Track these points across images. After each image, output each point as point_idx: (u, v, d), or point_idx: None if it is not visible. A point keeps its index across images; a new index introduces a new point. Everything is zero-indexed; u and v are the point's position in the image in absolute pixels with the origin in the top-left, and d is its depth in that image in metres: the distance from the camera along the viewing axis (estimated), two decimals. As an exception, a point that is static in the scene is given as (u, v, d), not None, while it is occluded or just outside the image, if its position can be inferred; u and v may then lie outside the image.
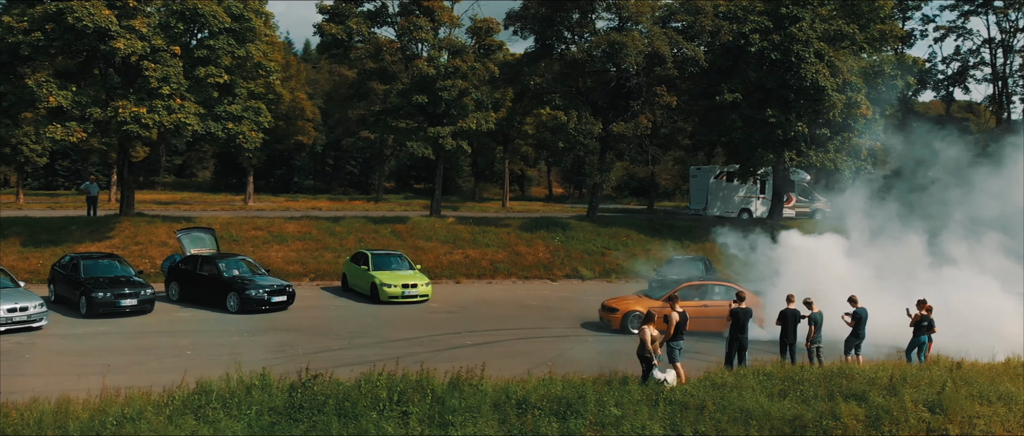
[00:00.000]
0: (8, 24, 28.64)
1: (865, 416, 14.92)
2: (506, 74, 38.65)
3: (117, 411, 12.73)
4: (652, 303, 22.66)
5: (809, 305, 18.80)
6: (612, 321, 23.39)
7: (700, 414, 14.62)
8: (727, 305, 21.91)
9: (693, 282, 24.11)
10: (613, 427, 13.97)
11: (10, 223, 32.00)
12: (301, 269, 31.42)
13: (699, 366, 18.17)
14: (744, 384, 16.00)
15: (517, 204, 58.67)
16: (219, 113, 32.20)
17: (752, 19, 36.66)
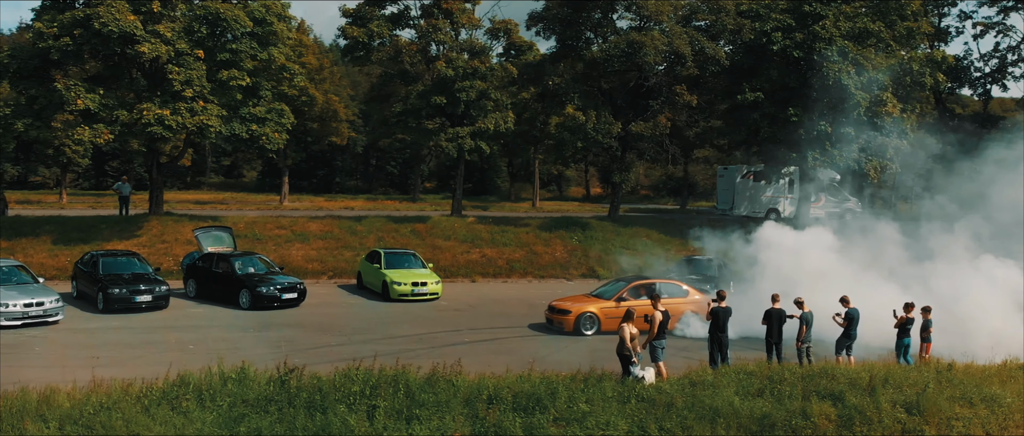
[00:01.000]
0: (39, 30, 29.85)
1: (837, 416, 14.86)
2: (527, 75, 38.91)
3: (96, 401, 13.31)
4: (604, 303, 22.82)
5: (800, 305, 18.72)
6: (564, 323, 22.82)
7: (668, 411, 14.72)
8: (676, 303, 22.31)
9: (641, 281, 23.87)
10: (578, 423, 14.14)
11: (44, 222, 33.27)
12: (320, 267, 32.09)
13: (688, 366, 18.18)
14: (722, 383, 16.02)
15: (550, 204, 58.82)
16: (244, 115, 33.04)
17: (774, 17, 36.34)
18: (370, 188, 77.73)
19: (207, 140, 34.51)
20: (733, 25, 37.85)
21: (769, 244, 24.54)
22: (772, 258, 23.66)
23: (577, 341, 22.44)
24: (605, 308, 22.72)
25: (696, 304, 23.35)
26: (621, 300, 22.64)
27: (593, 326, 22.66)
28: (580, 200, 71.31)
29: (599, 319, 22.69)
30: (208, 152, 73.19)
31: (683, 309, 23.09)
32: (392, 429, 13.40)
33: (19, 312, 21.10)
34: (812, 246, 23.97)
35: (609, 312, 22.48)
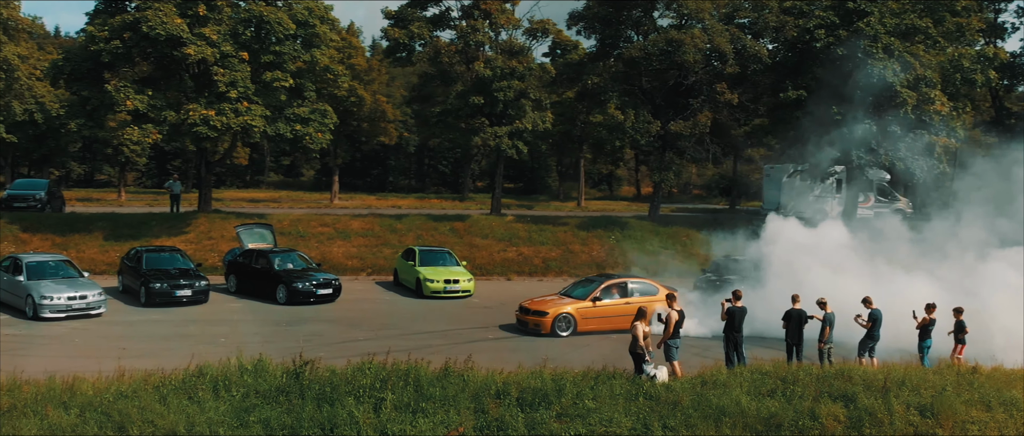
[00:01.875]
0: (91, 33, 31.10)
1: (846, 418, 14.71)
2: (567, 74, 39.05)
3: (116, 390, 13.94)
4: (580, 304, 22.65)
5: (822, 305, 18.54)
6: (541, 325, 22.33)
7: (673, 410, 14.76)
8: (648, 301, 22.09)
9: (614, 280, 23.72)
10: (581, 419, 14.28)
11: (97, 218, 34.60)
12: (359, 264, 32.73)
13: (702, 365, 18.18)
14: (734, 382, 15.99)
15: (597, 204, 58.87)
16: (288, 115, 33.88)
17: (818, 14, 35.83)
18: (423, 187, 78.72)
19: (252, 140, 35.46)
20: (775, 22, 37.40)
21: (775, 239, 24.14)
22: (778, 254, 23.32)
23: (603, 340, 22.45)
24: (581, 308, 22.60)
25: (665, 303, 23.19)
26: (596, 300, 22.69)
27: (569, 327, 22.45)
28: (630, 199, 71.08)
29: (575, 320, 22.52)
30: (267, 152, 74.94)
31: (652, 307, 22.55)
32: (397, 421, 13.71)
33: (63, 305, 22.06)
34: (823, 241, 23.51)
35: (585, 312, 22.50)
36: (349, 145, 65.37)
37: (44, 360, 17.36)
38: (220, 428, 12.99)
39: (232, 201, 49.41)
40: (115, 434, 12.56)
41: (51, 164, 61.05)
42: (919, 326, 18.41)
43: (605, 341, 21.81)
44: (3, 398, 13.17)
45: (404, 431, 13.45)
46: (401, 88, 68.76)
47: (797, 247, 23.50)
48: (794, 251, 23.26)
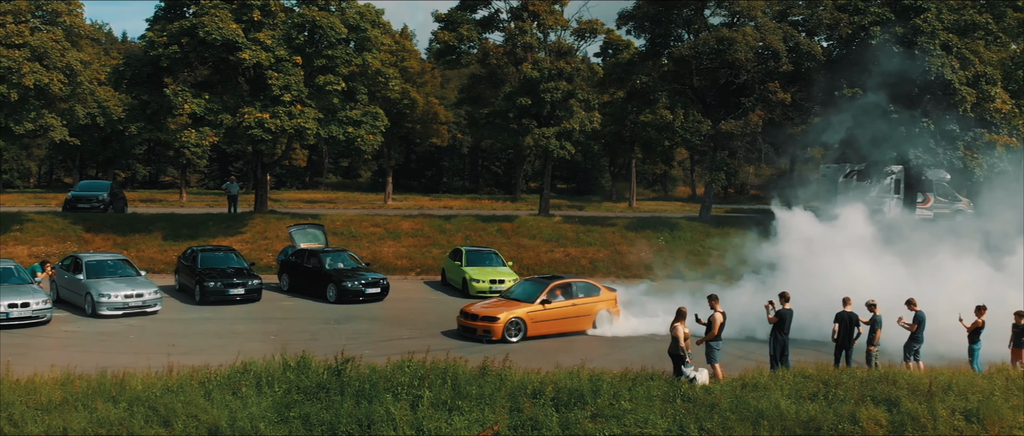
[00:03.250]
0: (151, 39, 32.13)
1: (888, 422, 14.44)
2: (615, 74, 38.96)
3: (163, 385, 14.44)
4: (529, 307, 21.91)
5: (872, 307, 18.25)
6: (491, 331, 21.39)
7: (710, 412, 14.68)
8: (590, 302, 22.46)
9: (560, 282, 23.20)
10: (616, 420, 14.30)
11: (157, 219, 35.71)
12: (409, 264, 33.18)
13: (744, 368, 18.03)
14: (775, 385, 15.84)
15: (650, 204, 58.48)
16: (341, 118, 34.51)
17: (873, 11, 35.11)
18: (476, 188, 79.15)
19: (306, 142, 36.19)
20: (830, 19, 36.77)
21: (788, 234, 23.67)
22: (793, 251, 22.91)
23: (645, 341, 22.39)
24: (532, 312, 21.93)
25: (608, 302, 23.14)
26: (545, 303, 22.12)
27: (520, 332, 21.69)
28: (684, 200, 70.46)
29: (526, 324, 21.76)
30: (325, 154, 76.26)
31: (597, 308, 22.80)
32: (433, 419, 13.90)
33: (120, 302, 22.88)
34: (843, 237, 22.95)
35: (535, 316, 21.89)
36: (403, 147, 66.14)
37: (99, 356, 18.07)
38: (261, 423, 13.33)
39: (290, 202, 50.46)
40: (160, 428, 12.99)
41: (116, 166, 63.25)
42: (970, 329, 17.97)
43: (647, 342, 21.75)
44: (56, 392, 13.75)
45: (439, 428, 13.64)
46: (454, 90, 69.38)
47: (812, 243, 22.96)
48: (808, 247, 22.74)
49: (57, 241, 31.92)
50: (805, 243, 23.36)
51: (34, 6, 29.81)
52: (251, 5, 32.23)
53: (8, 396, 13.62)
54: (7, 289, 21.61)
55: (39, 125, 29.96)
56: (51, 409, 13.29)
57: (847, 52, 36.53)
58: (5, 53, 27.92)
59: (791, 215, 25.34)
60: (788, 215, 25.39)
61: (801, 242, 23.49)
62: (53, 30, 29.98)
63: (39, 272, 23.73)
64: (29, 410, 13.15)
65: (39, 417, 12.98)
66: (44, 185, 69.32)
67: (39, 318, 21.51)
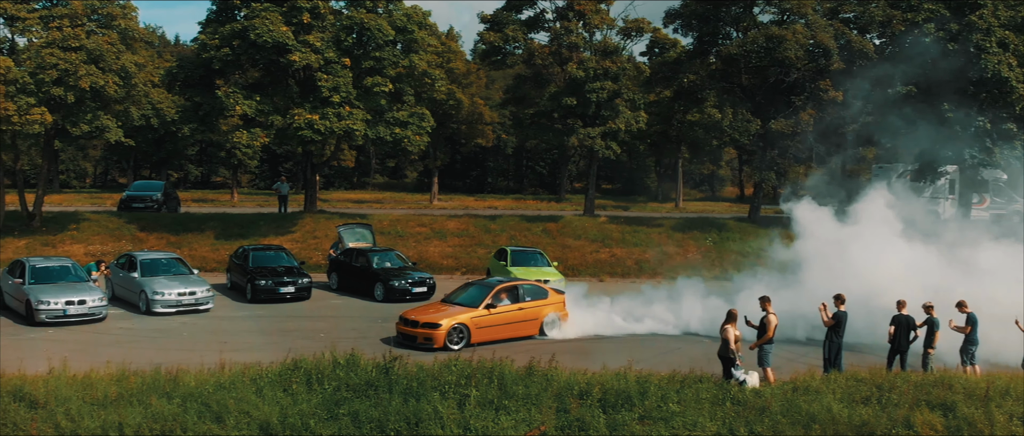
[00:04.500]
0: (203, 41, 32.74)
1: (944, 427, 14.12)
2: (662, 73, 38.68)
3: (216, 381, 14.69)
4: (473, 312, 20.79)
5: (929, 310, 17.87)
6: (433, 338, 20.14)
7: (760, 415, 14.49)
8: (537, 306, 21.73)
9: (506, 285, 22.15)
10: (664, 422, 14.19)
11: (209, 218, 36.35)
12: (454, 264, 33.30)
13: (795, 371, 17.78)
14: (827, 389, 15.58)
15: (697, 205, 57.96)
16: (388, 119, 34.80)
17: (927, 7, 34.31)
18: (520, 188, 79.25)
19: (355, 143, 36.56)
20: (882, 16, 36.06)
21: (806, 229, 23.05)
22: (812, 247, 22.35)
23: (686, 341, 22.14)
24: (476, 317, 20.79)
25: (556, 306, 22.18)
26: (490, 307, 21.04)
27: (463, 339, 20.49)
28: (732, 201, 69.68)
29: (470, 330, 20.62)
30: (372, 154, 77.01)
31: (545, 312, 21.87)
32: (480, 418, 13.94)
33: (173, 300, 23.33)
34: (865, 232, 22.32)
35: (480, 321, 20.80)
36: (448, 147, 66.48)
37: (153, 352, 18.47)
38: (311, 420, 13.50)
39: (338, 202, 51.01)
40: (213, 424, 13.21)
41: (170, 166, 64.54)
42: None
43: (695, 345, 21.52)
44: (111, 387, 14.06)
45: (486, 428, 13.67)
46: (499, 91, 69.52)
47: (833, 240, 22.29)
48: (830, 244, 22.11)
49: (112, 240, 32.67)
50: (827, 240, 22.73)
51: (90, 10, 30.50)
52: (301, 8, 32.65)
53: (65, 391, 13.98)
54: (64, 287, 22.17)
55: (95, 126, 30.63)
56: (107, 404, 13.61)
57: (900, 49, 35.76)
58: (62, 56, 28.61)
59: (808, 211, 24.47)
60: (805, 211, 24.44)
61: (822, 238, 22.86)
62: (108, 33, 30.61)
63: (94, 271, 24.34)
64: (86, 405, 13.48)
65: (95, 412, 13.29)
66: (99, 185, 71.06)
67: (95, 315, 22.00)
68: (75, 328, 21.37)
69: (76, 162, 69.17)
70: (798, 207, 24.81)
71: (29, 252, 29.35)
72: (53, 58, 28.42)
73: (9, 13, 29.56)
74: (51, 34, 29.20)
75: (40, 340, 20.02)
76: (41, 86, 28.49)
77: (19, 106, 28.22)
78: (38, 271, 22.70)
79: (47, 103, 29.00)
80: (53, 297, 21.51)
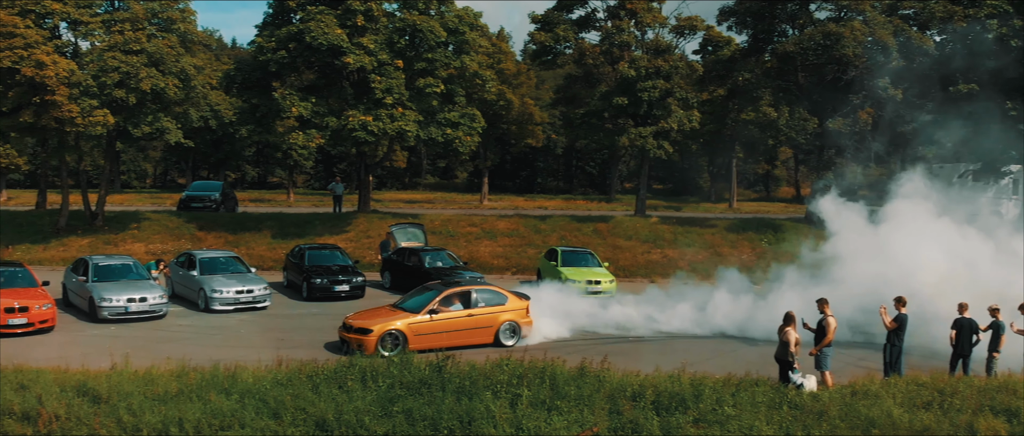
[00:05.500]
0: (260, 44, 33.34)
1: (1008, 433, 13.70)
2: (716, 71, 38.24)
3: (273, 378, 14.94)
4: (412, 318, 19.85)
5: (994, 313, 17.39)
6: (364, 344, 19.15)
7: (818, 419, 14.22)
8: (493, 312, 20.66)
9: (458, 289, 21.08)
10: (719, 426, 14.01)
11: (266, 218, 36.99)
12: (504, 263, 33.37)
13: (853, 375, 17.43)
14: (886, 393, 15.24)
15: (751, 205, 57.12)
16: (439, 120, 35.04)
17: (989, 3, 33.39)
18: (570, 188, 79.09)
19: (407, 144, 36.89)
20: (943, 12, 35.17)
21: (840, 228, 22.49)
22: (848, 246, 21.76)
23: (739, 344, 21.86)
24: (414, 323, 19.75)
25: (516, 312, 20.98)
26: (433, 313, 20.01)
27: (398, 345, 19.30)
28: (788, 201, 68.56)
29: (406, 337, 19.51)
30: (423, 155, 77.58)
31: (502, 318, 20.73)
32: (532, 417, 13.92)
33: (231, 298, 23.78)
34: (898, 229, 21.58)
35: (419, 328, 19.71)
36: (498, 148, 66.69)
37: (212, 349, 18.83)
38: (366, 417, 13.62)
39: (391, 202, 51.53)
40: (270, 420, 13.42)
41: (227, 167, 65.86)
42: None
43: (750, 348, 21.22)
44: (172, 383, 14.38)
45: (539, 428, 13.64)
46: (549, 91, 69.48)
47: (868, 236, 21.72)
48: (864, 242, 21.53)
49: (172, 239, 33.45)
50: (860, 237, 22.16)
51: (150, 14, 31.28)
52: (355, 10, 33.04)
53: (127, 387, 14.33)
54: (126, 285, 22.73)
55: (155, 128, 31.41)
56: (167, 400, 13.90)
57: (962, 46, 34.84)
58: (124, 59, 29.37)
59: (837, 207, 23.82)
60: (833, 207, 23.91)
61: (853, 235, 22.26)
62: (168, 37, 31.36)
63: (154, 269, 24.93)
64: (147, 401, 13.79)
65: (156, 407, 13.59)
66: (159, 185, 72.78)
67: (156, 312, 22.51)
68: (136, 325, 21.90)
69: (137, 163, 70.93)
70: (823, 202, 24.26)
71: (92, 250, 30.20)
72: (115, 61, 29.22)
73: (73, 17, 30.44)
74: (113, 38, 30.03)
75: (103, 336, 20.56)
76: (103, 89, 29.30)
77: (83, 108, 29.05)
78: (101, 269, 23.30)
79: (109, 105, 29.81)
80: (115, 294, 22.07)
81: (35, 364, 16.19)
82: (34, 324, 20.32)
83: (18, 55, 28.04)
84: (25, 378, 14.66)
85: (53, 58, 28.66)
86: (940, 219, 22.54)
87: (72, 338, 20.40)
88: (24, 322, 20.15)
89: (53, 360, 16.95)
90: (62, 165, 33.67)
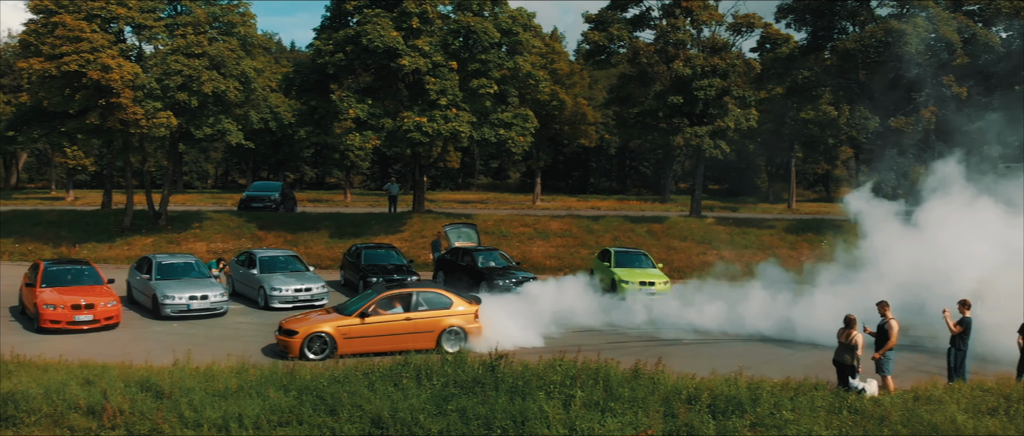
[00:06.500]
0: (318, 47, 33.88)
1: (1080, 442, 13.23)
2: (774, 69, 37.67)
3: (330, 375, 15.16)
4: (343, 320, 19.15)
5: (1063, 317, 16.80)
6: (288, 346, 18.52)
7: (879, 425, 13.91)
8: (436, 316, 19.82)
9: (398, 292, 20.28)
10: (777, 430, 13.79)
11: (324, 218, 37.56)
12: (557, 264, 33.32)
13: (916, 380, 17.00)
14: (950, 399, 14.84)
15: (811, 206, 56.12)
16: (492, 121, 35.18)
17: (1061, -4, 32.31)
18: (623, 189, 78.66)
19: (461, 145, 37.12)
20: (1009, 8, 34.15)
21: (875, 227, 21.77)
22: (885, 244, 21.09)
23: (803, 349, 21.45)
24: (343, 326, 19.00)
25: (462, 317, 20.04)
26: (365, 315, 19.25)
27: (324, 349, 18.65)
28: (846, 201, 67.02)
29: (334, 340, 18.78)
30: (476, 155, 77.95)
31: (445, 323, 19.79)
32: (585, 419, 13.87)
33: (289, 296, 24.18)
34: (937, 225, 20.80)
35: (349, 331, 18.97)
36: (551, 148, 66.65)
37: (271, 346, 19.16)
38: (420, 415, 13.73)
39: (444, 202, 51.90)
40: (327, 417, 13.61)
41: (287, 168, 67.01)
42: None
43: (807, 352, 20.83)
44: (232, 379, 14.68)
45: (592, 429, 13.58)
46: (602, 90, 69.17)
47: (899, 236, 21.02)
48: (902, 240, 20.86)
49: (233, 238, 34.16)
50: (897, 235, 21.51)
51: (211, 18, 31.99)
52: (410, 13, 33.35)
53: (189, 382, 14.67)
54: (188, 283, 23.26)
55: (217, 129, 32.14)
56: (227, 395, 14.19)
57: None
58: (186, 62, 30.09)
59: (871, 204, 23.22)
60: (867, 205, 23.31)
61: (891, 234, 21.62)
62: (229, 40, 32.04)
63: (214, 268, 25.48)
64: (207, 396, 14.09)
65: (216, 403, 13.87)
66: (221, 186, 74.40)
67: (216, 310, 23.00)
68: (198, 322, 22.38)
69: (199, 164, 72.64)
70: (853, 199, 23.63)
71: (155, 249, 31.00)
72: (178, 64, 29.96)
73: (137, 22, 31.29)
74: (176, 41, 30.80)
75: (165, 333, 21.09)
76: (167, 91, 30.07)
77: (146, 110, 29.85)
78: (164, 267, 23.87)
79: (172, 107, 30.58)
80: (178, 292, 22.60)
81: (100, 360, 16.73)
82: (100, 321, 20.92)
83: (85, 59, 28.91)
84: (91, 373, 15.11)
85: (118, 62, 29.50)
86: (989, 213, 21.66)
87: (136, 334, 20.97)
88: (90, 319, 20.76)
89: (118, 356, 17.48)
90: (127, 166, 34.64)
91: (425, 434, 13.33)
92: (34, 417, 13.49)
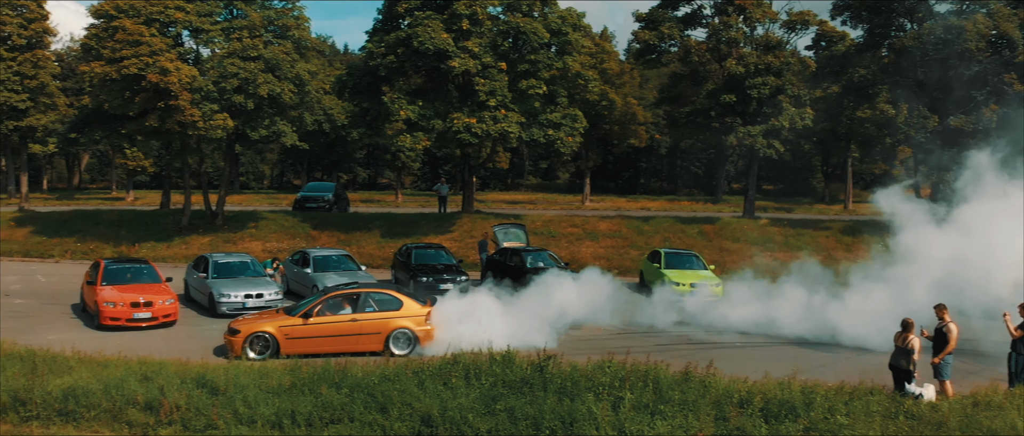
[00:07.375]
0: (370, 49, 34.28)
1: None
2: (830, 67, 37.00)
3: (380, 373, 15.32)
4: (286, 320, 18.91)
5: None
6: (231, 345, 18.48)
7: (937, 430, 13.58)
8: (385, 318, 19.36)
9: (345, 292, 19.93)
10: (831, 435, 13.55)
11: (375, 218, 37.97)
12: (607, 265, 32.99)
13: (978, 385, 16.55)
14: (1011, 405, 14.42)
15: (868, 207, 54.83)
16: (541, 121, 35.19)
17: None
18: (674, 189, 77.96)
19: (510, 145, 37.23)
20: (1077, 2, 33.01)
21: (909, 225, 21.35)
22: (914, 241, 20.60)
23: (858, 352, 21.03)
24: (286, 326, 18.79)
25: (412, 319, 19.56)
26: (309, 315, 18.96)
27: (266, 349, 18.53)
28: (907, 202, 65.47)
29: (276, 340, 18.63)
30: (525, 156, 78.02)
31: (393, 325, 19.33)
32: (635, 421, 13.79)
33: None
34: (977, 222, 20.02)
35: (292, 331, 18.75)
36: (600, 148, 66.38)
37: (324, 344, 19.40)
38: (469, 414, 13.80)
39: (493, 202, 52.07)
40: (377, 414, 13.76)
41: (340, 169, 67.94)
42: None
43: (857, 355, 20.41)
44: (285, 377, 14.94)
45: (642, 431, 13.50)
46: (653, 90, 68.63)
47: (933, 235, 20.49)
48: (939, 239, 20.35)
49: (287, 237, 34.73)
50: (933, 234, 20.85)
51: (267, 21, 32.56)
52: (460, 15, 33.53)
53: (243, 379, 14.96)
54: (244, 281, 23.71)
55: (272, 131, 32.71)
56: (281, 392, 14.45)
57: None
58: (242, 65, 30.66)
59: (903, 204, 22.84)
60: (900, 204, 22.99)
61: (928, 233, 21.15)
62: (283, 43, 32.59)
63: (269, 267, 25.92)
64: (261, 393, 14.37)
65: (270, 399, 14.13)
66: (276, 186, 75.66)
67: (271, 308, 23.27)
68: (253, 320, 22.79)
69: (255, 165, 73.97)
70: (884, 196, 23.02)
71: (212, 248, 31.69)
72: (234, 67, 30.55)
73: (194, 25, 32.00)
74: (232, 45, 31.41)
75: (222, 331, 21.37)
76: (223, 94, 30.69)
77: (204, 112, 30.50)
78: (220, 266, 24.36)
79: (229, 109, 31.20)
80: (233, 290, 23.05)
81: (158, 356, 17.15)
82: (158, 318, 21.45)
83: (144, 62, 29.66)
84: (149, 369, 15.51)
85: (176, 65, 30.21)
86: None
87: (193, 332, 21.43)
88: (149, 316, 21.30)
89: (175, 352, 17.91)
90: (185, 167, 35.47)
91: (474, 433, 13.40)
92: (93, 412, 13.90)
